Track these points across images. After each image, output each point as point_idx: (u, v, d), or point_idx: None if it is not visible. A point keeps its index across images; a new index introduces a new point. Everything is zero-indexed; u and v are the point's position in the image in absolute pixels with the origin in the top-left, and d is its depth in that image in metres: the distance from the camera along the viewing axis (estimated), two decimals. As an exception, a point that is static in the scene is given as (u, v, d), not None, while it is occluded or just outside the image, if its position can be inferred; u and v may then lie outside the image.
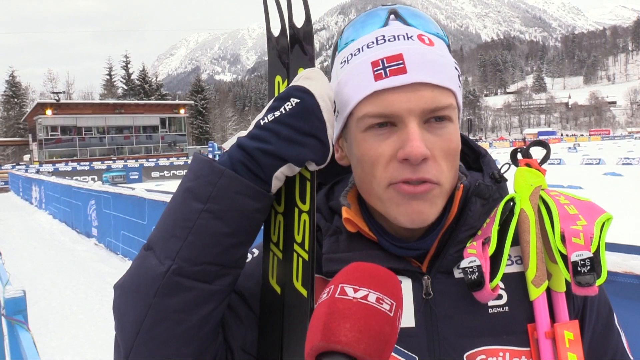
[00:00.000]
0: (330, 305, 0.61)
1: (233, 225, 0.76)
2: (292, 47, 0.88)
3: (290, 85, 0.81)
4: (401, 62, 0.79)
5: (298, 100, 0.78)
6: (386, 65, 0.80)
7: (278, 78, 0.90)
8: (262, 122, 0.79)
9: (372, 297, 0.61)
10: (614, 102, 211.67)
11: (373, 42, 0.83)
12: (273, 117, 0.78)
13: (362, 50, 0.84)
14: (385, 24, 0.85)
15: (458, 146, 0.83)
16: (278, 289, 0.85)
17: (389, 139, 0.80)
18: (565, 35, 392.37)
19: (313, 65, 0.86)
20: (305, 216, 0.84)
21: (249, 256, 0.93)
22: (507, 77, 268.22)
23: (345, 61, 0.87)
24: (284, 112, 0.78)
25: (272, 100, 0.82)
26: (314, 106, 0.78)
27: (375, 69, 0.80)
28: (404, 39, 0.82)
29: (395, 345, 0.82)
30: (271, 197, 0.80)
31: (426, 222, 0.82)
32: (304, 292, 0.82)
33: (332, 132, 0.80)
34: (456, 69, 0.85)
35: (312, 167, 0.81)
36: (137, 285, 0.77)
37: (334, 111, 0.84)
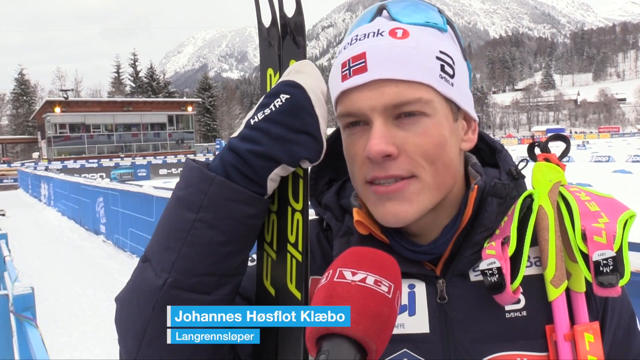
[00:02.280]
0: (329, 289, 0.62)
1: (228, 234, 0.74)
2: (284, 38, 0.85)
3: (280, 80, 0.79)
4: (363, 60, 0.78)
5: (288, 96, 0.75)
6: (351, 65, 0.79)
7: (270, 71, 0.87)
8: (252, 122, 0.76)
9: (370, 280, 0.62)
10: (624, 99, 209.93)
11: (349, 43, 0.82)
12: (263, 116, 0.75)
13: (340, 52, 0.84)
14: (371, 20, 0.83)
15: (437, 141, 0.78)
16: (272, 291, 0.83)
17: (361, 138, 0.79)
18: (575, 31, 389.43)
19: (305, 57, 0.83)
20: (298, 215, 0.81)
21: (254, 257, 0.90)
22: (516, 74, 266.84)
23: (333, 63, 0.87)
24: (273, 109, 0.75)
25: (262, 97, 0.79)
26: (304, 101, 0.75)
27: (342, 70, 0.80)
28: (373, 35, 0.80)
29: (410, 352, 0.81)
30: (266, 201, 0.77)
31: (406, 222, 0.79)
32: (298, 295, 0.79)
33: (326, 126, 0.78)
34: (440, 58, 0.79)
35: (306, 164, 0.79)
36: (136, 299, 0.76)
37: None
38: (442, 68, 0.79)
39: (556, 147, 0.93)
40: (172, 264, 0.73)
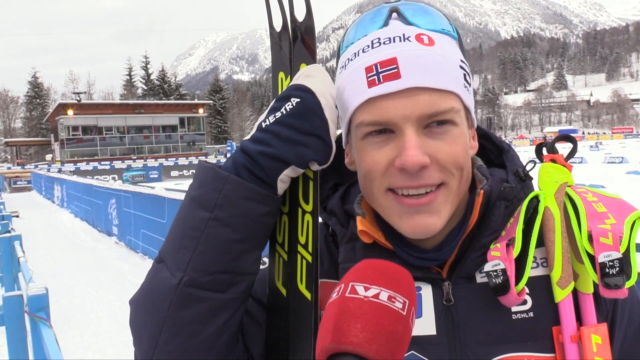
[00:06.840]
0: (340, 304, 0.60)
1: (242, 231, 0.74)
2: (294, 42, 0.86)
3: (290, 84, 0.80)
4: (395, 66, 0.75)
5: (298, 100, 0.76)
6: (379, 70, 0.76)
7: (281, 74, 0.88)
8: (263, 125, 0.77)
9: (384, 296, 0.60)
10: (638, 100, 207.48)
11: (368, 46, 0.79)
12: (274, 119, 0.77)
13: (358, 55, 0.80)
14: (385, 23, 0.81)
15: (464, 149, 0.79)
16: (284, 291, 0.84)
17: (386, 147, 0.77)
18: (587, 31, 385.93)
19: (315, 61, 0.84)
20: (308, 217, 0.82)
21: (266, 260, 0.90)
22: (527, 74, 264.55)
23: (343, 66, 0.84)
24: (284, 112, 0.76)
25: (273, 101, 0.80)
26: (314, 104, 0.76)
27: (369, 75, 0.77)
28: (400, 40, 0.77)
29: (417, 354, 0.80)
30: (279, 200, 0.78)
31: (432, 233, 0.79)
32: (308, 296, 0.80)
33: (335, 130, 0.79)
34: (462, 67, 0.80)
35: (315, 167, 0.79)
36: (151, 300, 0.77)
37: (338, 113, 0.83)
38: (465, 77, 0.80)
39: (565, 148, 0.92)
40: (187, 263, 0.74)
